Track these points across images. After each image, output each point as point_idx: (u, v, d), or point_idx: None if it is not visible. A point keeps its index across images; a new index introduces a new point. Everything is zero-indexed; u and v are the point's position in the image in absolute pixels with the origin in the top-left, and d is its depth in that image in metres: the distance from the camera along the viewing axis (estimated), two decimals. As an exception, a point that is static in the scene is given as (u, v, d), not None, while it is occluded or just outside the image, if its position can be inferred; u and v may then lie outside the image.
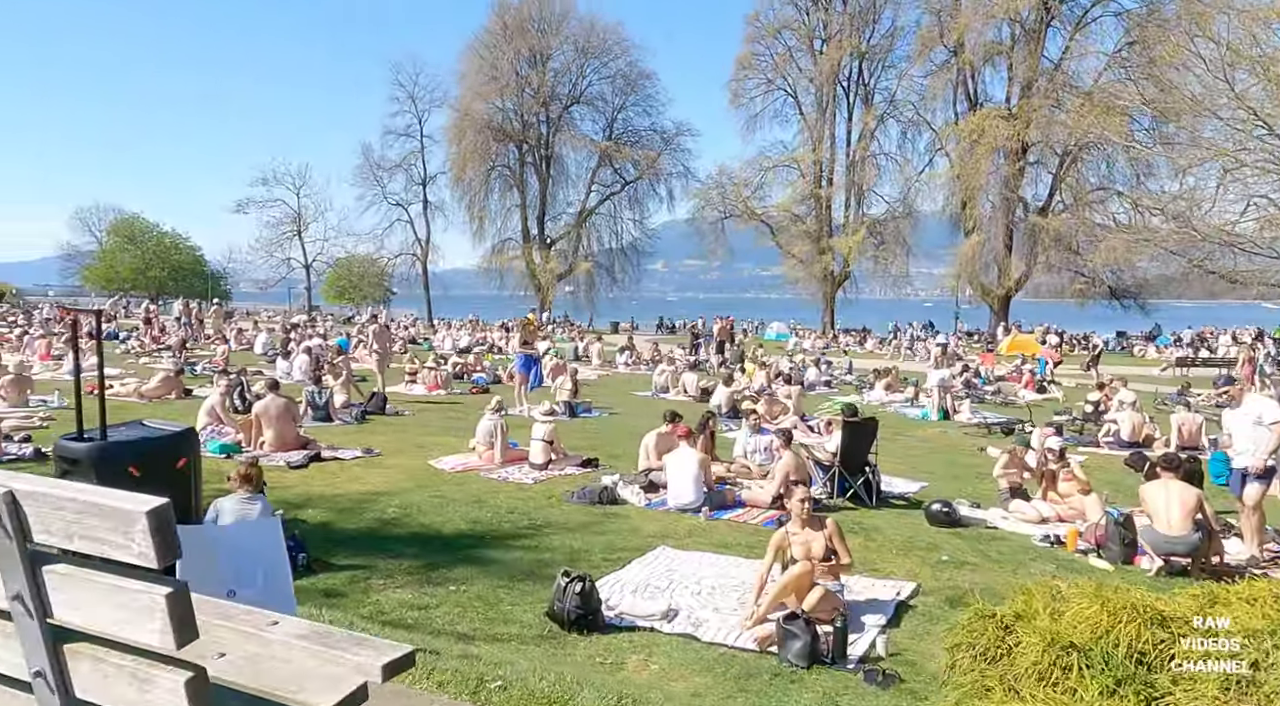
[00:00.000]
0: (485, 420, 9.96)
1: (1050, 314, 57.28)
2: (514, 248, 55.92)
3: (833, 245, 49.24)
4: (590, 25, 54.17)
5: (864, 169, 49.01)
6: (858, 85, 49.66)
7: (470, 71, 54.09)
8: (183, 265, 67.74)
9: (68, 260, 69.32)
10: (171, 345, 24.85)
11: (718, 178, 53.14)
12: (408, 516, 7.41)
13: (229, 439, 10.58)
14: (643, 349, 25.42)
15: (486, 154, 53.73)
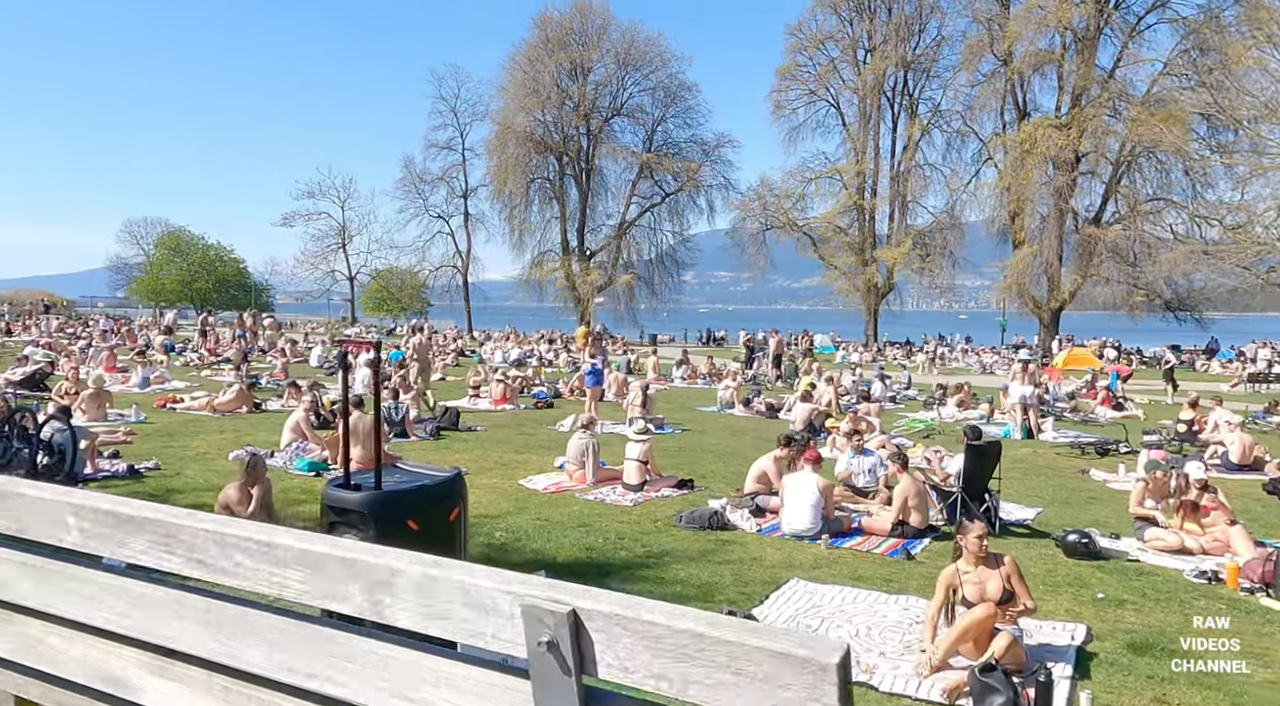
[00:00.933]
0: (576, 439, 9.73)
1: (1099, 326, 56.14)
2: (553, 260, 55.99)
3: (878, 256, 48.72)
4: (631, 37, 54.24)
5: (909, 180, 48.48)
6: (902, 95, 49.22)
7: (512, 84, 54.37)
8: (227, 277, 68.73)
9: (116, 272, 70.78)
10: (230, 357, 25.03)
11: (759, 189, 52.89)
12: (518, 542, 7.18)
13: (315, 456, 10.45)
14: (697, 362, 25.11)
15: (527, 166, 53.96)
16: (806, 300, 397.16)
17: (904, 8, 47.57)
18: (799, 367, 26.55)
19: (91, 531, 1.42)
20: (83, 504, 1.44)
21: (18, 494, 1.55)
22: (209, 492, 8.74)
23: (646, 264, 56.88)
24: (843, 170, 50.32)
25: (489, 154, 55.42)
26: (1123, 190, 41.13)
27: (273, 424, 13.90)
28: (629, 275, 54.79)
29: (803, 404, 14.49)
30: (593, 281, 53.93)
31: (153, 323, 45.05)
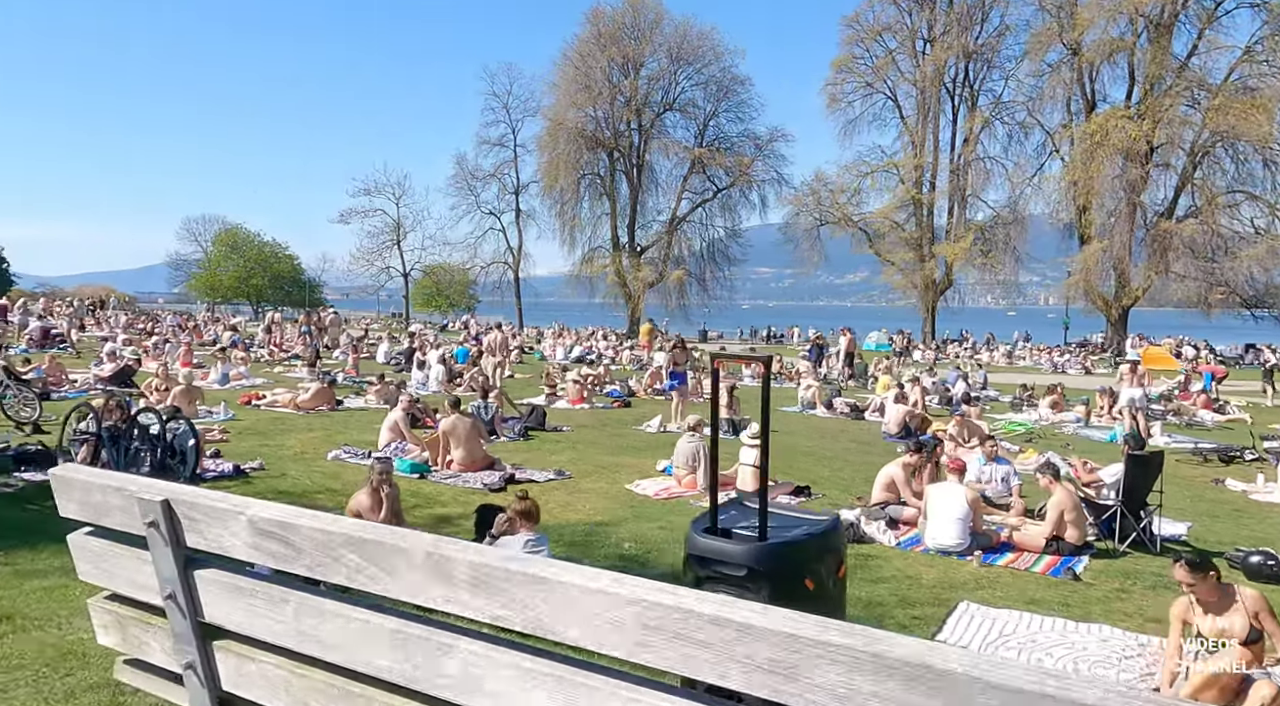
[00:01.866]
0: (685, 442, 9.37)
1: (1168, 324, 54.38)
2: (603, 256, 55.83)
3: (937, 252, 47.70)
4: (684, 31, 53.81)
5: (969, 173, 47.37)
6: (963, 86, 48.15)
7: (563, 80, 54.28)
8: (282, 274, 69.72)
9: (175, 269, 72.22)
10: (298, 353, 25.15)
11: (813, 184, 52.16)
12: (649, 553, 6.85)
13: (414, 457, 10.24)
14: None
15: (578, 162, 53.91)
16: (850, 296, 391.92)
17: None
18: (868, 367, 25.99)
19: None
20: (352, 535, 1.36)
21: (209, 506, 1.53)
22: (319, 495, 8.57)
23: (697, 259, 56.46)
24: (900, 164, 49.39)
25: (540, 150, 55.46)
26: (1197, 183, 39.64)
27: (358, 422, 13.81)
28: (680, 271, 54.40)
29: (896, 406, 13.98)
30: (644, 277, 53.65)
31: (212, 317, 45.77)
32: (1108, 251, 40.01)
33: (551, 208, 56.37)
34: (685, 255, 55.99)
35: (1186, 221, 38.82)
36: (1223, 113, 35.60)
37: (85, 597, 1.95)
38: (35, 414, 12.07)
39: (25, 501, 7.78)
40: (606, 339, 42.13)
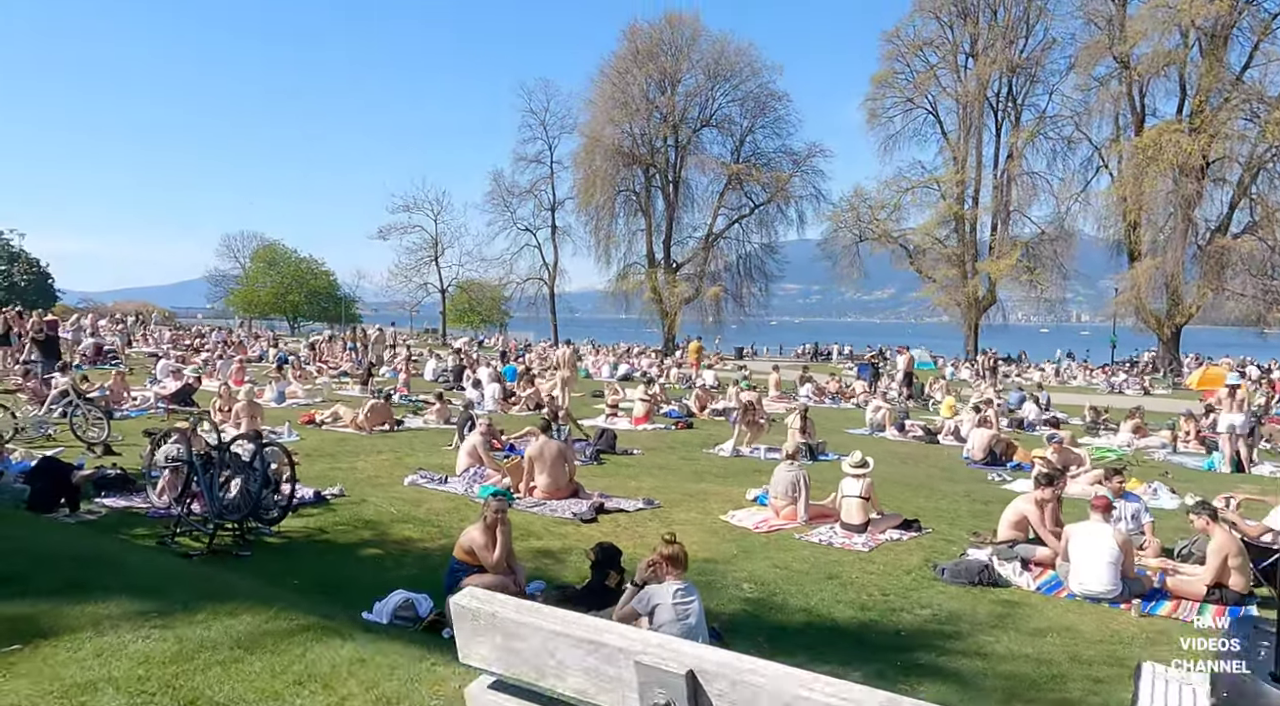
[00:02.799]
0: (784, 471, 8.90)
1: (1219, 342, 53.04)
2: (639, 271, 55.63)
3: (981, 268, 46.89)
4: (721, 47, 53.65)
5: (1013, 189, 46.58)
6: (1006, 101, 47.42)
7: (600, 97, 54.32)
8: (318, 289, 70.18)
9: (214, 285, 73.02)
10: (346, 370, 24.99)
11: (852, 199, 51.66)
12: (773, 597, 6.38)
13: (493, 482, 9.85)
14: (821, 381, 24.07)
15: (614, 179, 53.85)
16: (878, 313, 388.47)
17: (1011, 10, 45.84)
18: (924, 387, 25.34)
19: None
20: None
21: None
22: (405, 524, 8.21)
23: (733, 276, 56.02)
24: (941, 179, 48.74)
25: (576, 166, 55.51)
26: (1255, 198, 38.62)
27: (423, 444, 13.50)
28: (717, 287, 54.01)
29: (980, 430, 13.39)
30: (680, 293, 53.32)
31: (250, 333, 45.98)
32: (1160, 268, 39.02)
33: (587, 224, 56.41)
34: (721, 271, 55.58)
35: (1244, 237, 37.79)
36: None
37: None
38: (104, 434, 11.87)
39: (113, 530, 7.49)
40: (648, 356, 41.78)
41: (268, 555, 6.99)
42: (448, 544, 7.56)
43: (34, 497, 7.39)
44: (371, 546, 7.43)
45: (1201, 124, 37.45)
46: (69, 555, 5.59)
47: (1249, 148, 38.51)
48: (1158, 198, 38.45)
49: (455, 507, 9.00)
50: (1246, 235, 38.90)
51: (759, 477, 11.45)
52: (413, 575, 6.65)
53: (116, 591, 4.54)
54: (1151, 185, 38.23)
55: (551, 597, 5.81)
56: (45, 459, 8.46)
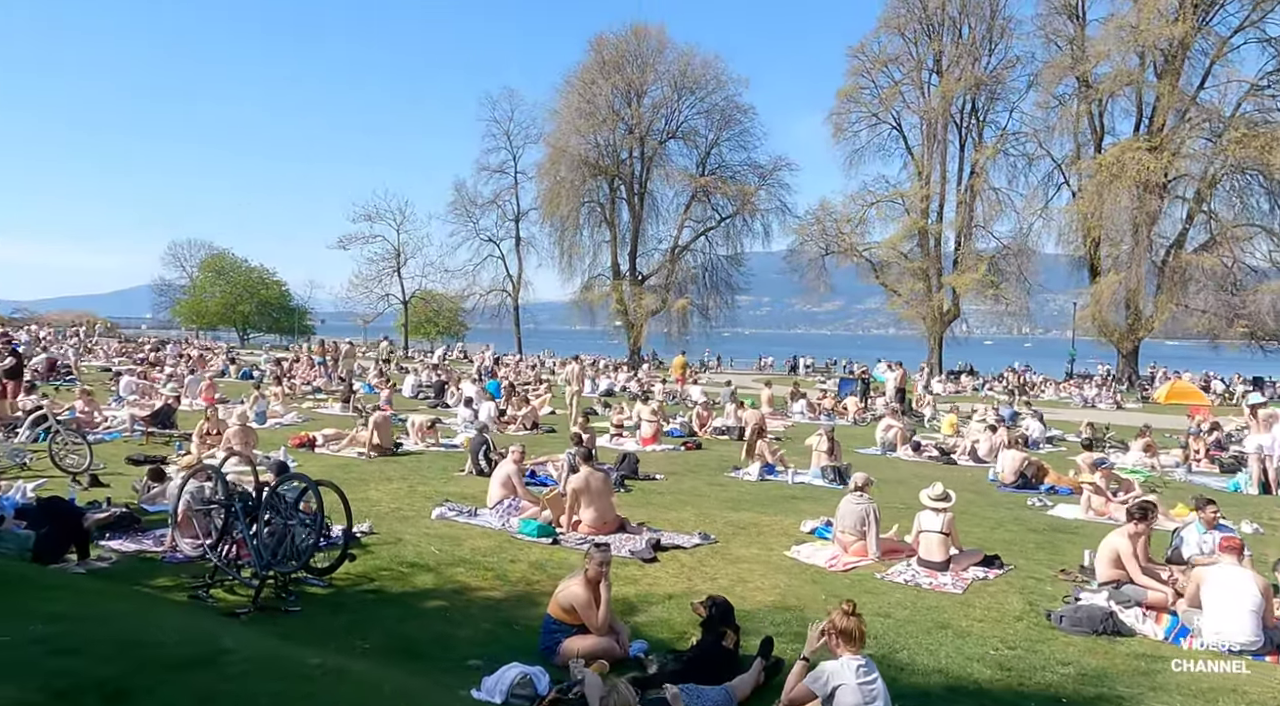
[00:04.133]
0: (852, 503, 8.36)
1: (1173, 356, 54.36)
2: (604, 283, 55.11)
3: (946, 282, 47.35)
4: (687, 59, 53.57)
5: (977, 204, 47.19)
6: (970, 117, 48.04)
7: (565, 107, 53.86)
8: (269, 300, 68.09)
9: (159, 294, 70.34)
10: (321, 387, 23.86)
11: (818, 213, 51.84)
12: (895, 654, 5.80)
13: (531, 515, 9.14)
14: (813, 397, 23.73)
15: (579, 189, 53.32)
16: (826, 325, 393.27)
17: (976, 29, 46.55)
18: (912, 402, 25.18)
19: None
20: None
21: None
22: (457, 568, 7.46)
23: (699, 288, 55.75)
24: (906, 194, 49.17)
25: (540, 177, 54.95)
26: (1216, 216, 39.66)
27: (430, 469, 12.72)
28: (684, 300, 53.66)
29: (1009, 452, 13.07)
30: (647, 305, 52.88)
31: (208, 347, 44.11)
32: (1124, 283, 39.77)
33: (551, 235, 55.88)
34: (686, 283, 55.26)
35: (1205, 254, 38.72)
36: (1243, 145, 35.62)
37: None
38: (85, 461, 10.85)
39: (130, 581, 6.62)
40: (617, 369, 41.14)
41: (319, 609, 6.21)
42: (511, 592, 6.91)
43: (40, 545, 6.48)
44: (429, 596, 6.69)
45: (1161, 142, 38.35)
46: (98, 620, 4.76)
47: (1203, 166, 39.58)
48: (1121, 214, 39.17)
49: (499, 546, 8.27)
50: (1204, 252, 39.87)
51: (799, 505, 10.98)
52: (489, 632, 5.95)
53: (175, 687, 3.67)
54: (1116, 201, 38.96)
55: (664, 664, 5.17)
56: (51, 499, 7.51)
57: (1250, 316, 37.56)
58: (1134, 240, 39.10)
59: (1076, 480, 12.43)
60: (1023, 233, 46.64)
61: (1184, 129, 38.76)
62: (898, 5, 48.41)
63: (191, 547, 7.00)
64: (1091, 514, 10.61)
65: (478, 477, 12.03)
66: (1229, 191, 40.11)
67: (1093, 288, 41.92)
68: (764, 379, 29.73)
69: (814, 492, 11.94)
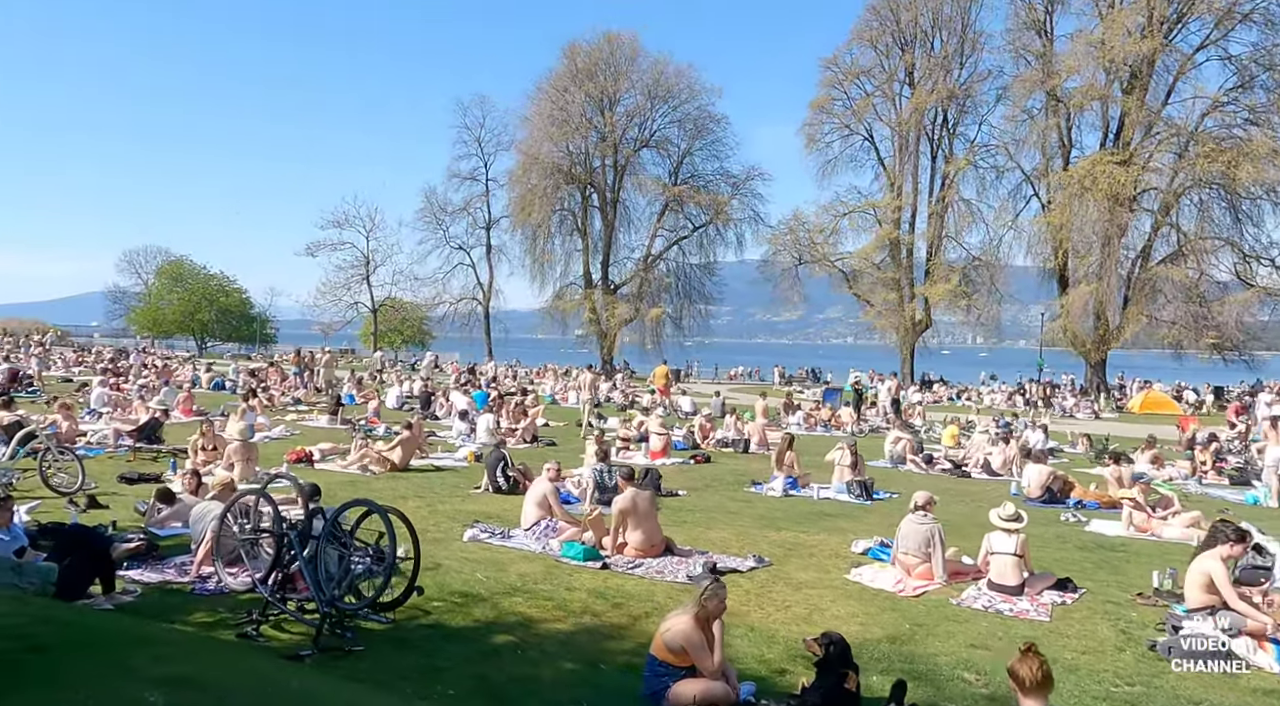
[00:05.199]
0: (915, 523, 8.00)
1: (1136, 366, 55.42)
2: (576, 292, 54.66)
3: (920, 293, 47.70)
4: (660, 68, 53.52)
5: (950, 216, 47.68)
6: (941, 129, 48.58)
7: (538, 114, 53.45)
8: (230, 308, 66.33)
9: (114, 302, 68.12)
10: (301, 397, 23.00)
11: (790, 223, 51.99)
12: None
13: (570, 537, 8.65)
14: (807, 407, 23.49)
15: (551, 197, 52.83)
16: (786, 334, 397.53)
17: (948, 43, 47.14)
18: (900, 410, 25.09)
19: None
20: None
21: None
22: (513, 597, 6.95)
23: (672, 297, 55.51)
24: (878, 205, 49.53)
25: (512, 184, 54.50)
26: (1182, 229, 40.50)
27: (443, 486, 12.17)
28: (658, 309, 53.35)
29: (1036, 466, 12.87)
30: (620, 314, 52.46)
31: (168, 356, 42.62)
32: (1095, 294, 40.35)
33: (523, 243, 55.27)
34: (659, 293, 54.98)
35: (1174, 266, 39.46)
36: (1211, 160, 36.42)
37: None
38: (78, 480, 10.10)
39: (163, 616, 6.00)
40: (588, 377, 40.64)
41: (382, 648, 5.66)
42: (579, 624, 6.42)
43: (64, 578, 5.83)
44: (494, 631, 6.17)
45: (1130, 156, 39.07)
46: (146, 673, 4.18)
47: (1167, 179, 40.40)
48: (1092, 226, 39.75)
49: (547, 572, 7.77)
50: (1166, 264, 40.61)
51: (835, 522, 10.65)
52: (575, 673, 5.46)
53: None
54: (1087, 214, 39.56)
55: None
56: (75, 527, 6.84)
57: (1218, 327, 38.30)
58: (1105, 252, 39.69)
59: (1104, 494, 12.28)
60: (993, 244, 47.19)
61: (1151, 144, 39.56)
62: (870, 18, 48.91)
63: (237, 579, 6.36)
64: (1133, 530, 10.40)
65: (495, 495, 11.53)
66: (1193, 205, 40.99)
67: (1063, 298, 42.45)
68: (760, 390, 29.39)
69: (845, 509, 11.61)
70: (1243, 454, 18.18)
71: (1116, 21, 38.92)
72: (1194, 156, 37.47)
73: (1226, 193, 39.58)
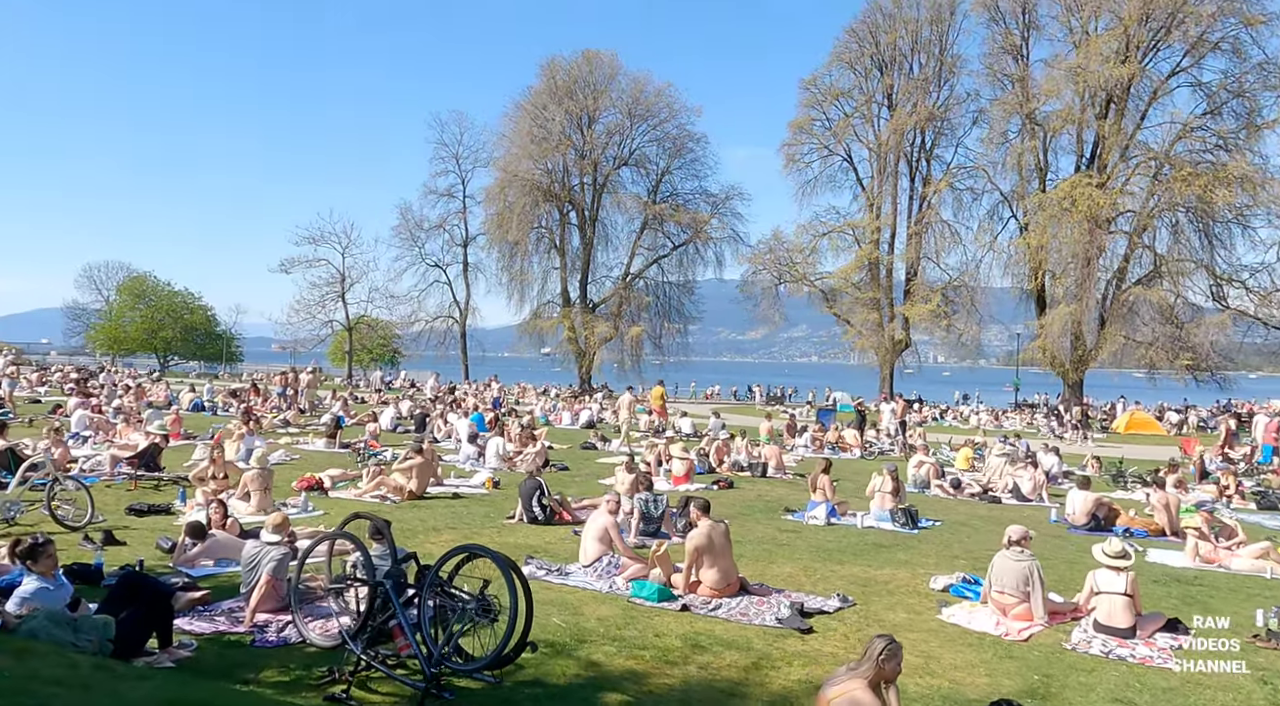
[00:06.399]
0: (1012, 559, 7.54)
1: (1108, 386, 56.15)
2: (553, 310, 54.03)
3: (900, 313, 47.89)
4: (640, 87, 53.33)
5: (928, 237, 48.05)
6: (920, 151, 49.02)
7: (517, 132, 53.02)
8: (194, 325, 64.52)
9: (73, 319, 65.87)
10: (289, 419, 22.07)
11: (770, 242, 52.01)
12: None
13: (636, 575, 8.07)
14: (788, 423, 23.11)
15: (529, 215, 52.22)
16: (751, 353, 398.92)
17: (927, 66, 47.67)
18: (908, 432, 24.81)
19: None
20: None
21: None
22: (606, 646, 6.38)
23: (650, 316, 55.08)
24: (855, 225, 49.75)
25: (489, 201, 53.82)
26: (1155, 251, 41.15)
27: (473, 516, 11.51)
28: (638, 328, 52.87)
29: (1081, 493, 12.56)
30: (600, 333, 51.88)
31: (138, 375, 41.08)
32: (1074, 315, 40.75)
33: (500, 260, 54.48)
34: (638, 311, 54.52)
35: (1152, 288, 40.04)
36: (1188, 183, 37.09)
37: None
38: (86, 513, 9.30)
39: (227, 675, 5.32)
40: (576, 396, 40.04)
41: (490, 713, 5.06)
42: (688, 679, 5.87)
43: (123, 632, 5.12)
44: (604, 687, 5.58)
45: (1107, 179, 39.68)
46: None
47: (1140, 201, 41.07)
48: (1072, 247, 40.19)
49: (626, 616, 7.18)
50: (1143, 285, 41.21)
51: (894, 554, 10.21)
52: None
53: None
54: (1066, 236, 40.05)
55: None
56: (132, 574, 6.09)
57: (1194, 349, 38.87)
58: (1085, 273, 40.16)
59: (1152, 522, 12.01)
60: (973, 265, 47.56)
61: (1128, 167, 40.24)
62: (850, 40, 49.37)
63: (325, 635, 5.65)
64: (1199, 562, 10.09)
65: (530, 525, 10.91)
66: (1166, 228, 41.68)
67: (1043, 319, 42.84)
68: (764, 411, 28.98)
69: (896, 539, 11.16)
70: (1254, 475, 18.16)
71: (1094, 47, 39.64)
72: (1170, 180, 38.11)
73: (1198, 216, 40.38)
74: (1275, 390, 59.48)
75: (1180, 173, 37.56)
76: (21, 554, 5.49)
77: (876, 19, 48.52)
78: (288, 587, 6.55)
